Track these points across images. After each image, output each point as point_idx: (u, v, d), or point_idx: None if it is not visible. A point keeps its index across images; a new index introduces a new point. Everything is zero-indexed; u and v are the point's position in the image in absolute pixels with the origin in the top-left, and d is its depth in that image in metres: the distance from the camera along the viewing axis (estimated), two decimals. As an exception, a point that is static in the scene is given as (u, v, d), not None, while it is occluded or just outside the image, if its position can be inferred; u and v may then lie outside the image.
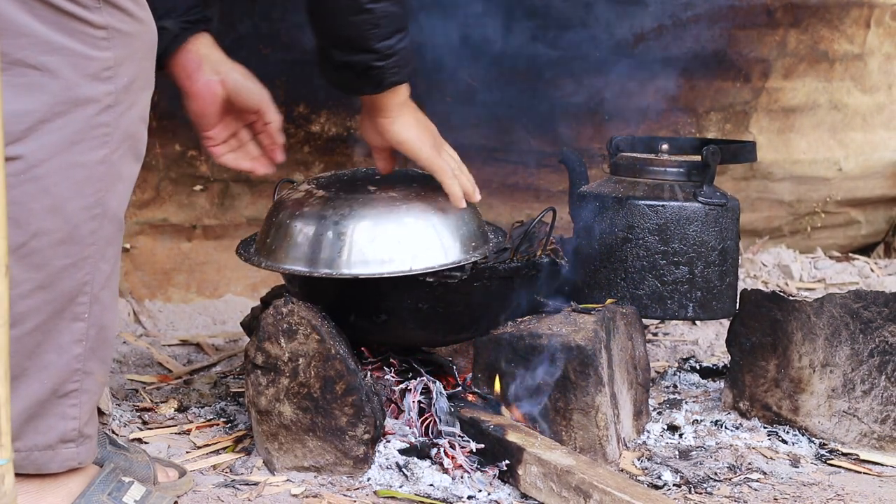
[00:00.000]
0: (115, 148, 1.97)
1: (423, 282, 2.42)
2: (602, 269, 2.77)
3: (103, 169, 1.96)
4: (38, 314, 1.94)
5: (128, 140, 2.00)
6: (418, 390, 2.48)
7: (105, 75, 1.94)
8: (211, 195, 3.53)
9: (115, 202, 2.00)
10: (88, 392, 2.03)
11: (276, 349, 2.38)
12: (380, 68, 2.29)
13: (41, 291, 1.93)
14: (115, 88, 1.95)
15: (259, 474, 2.40)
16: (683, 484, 2.43)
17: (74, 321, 1.98)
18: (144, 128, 2.06)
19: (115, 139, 1.97)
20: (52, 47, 1.89)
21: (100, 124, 1.94)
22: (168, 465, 2.35)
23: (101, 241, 1.99)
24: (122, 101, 1.97)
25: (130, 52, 1.97)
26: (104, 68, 1.93)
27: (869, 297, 2.61)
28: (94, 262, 1.98)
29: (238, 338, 3.37)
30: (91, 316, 2.00)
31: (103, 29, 1.92)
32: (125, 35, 1.95)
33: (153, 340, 3.35)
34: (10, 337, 1.63)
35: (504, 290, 2.52)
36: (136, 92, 2.00)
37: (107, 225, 1.99)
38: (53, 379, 1.98)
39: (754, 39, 3.82)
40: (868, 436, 2.63)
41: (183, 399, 2.85)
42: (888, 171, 4.17)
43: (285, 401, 2.38)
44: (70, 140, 1.92)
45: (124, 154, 2.00)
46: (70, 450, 2.03)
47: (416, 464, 2.39)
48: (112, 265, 2.03)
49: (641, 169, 2.82)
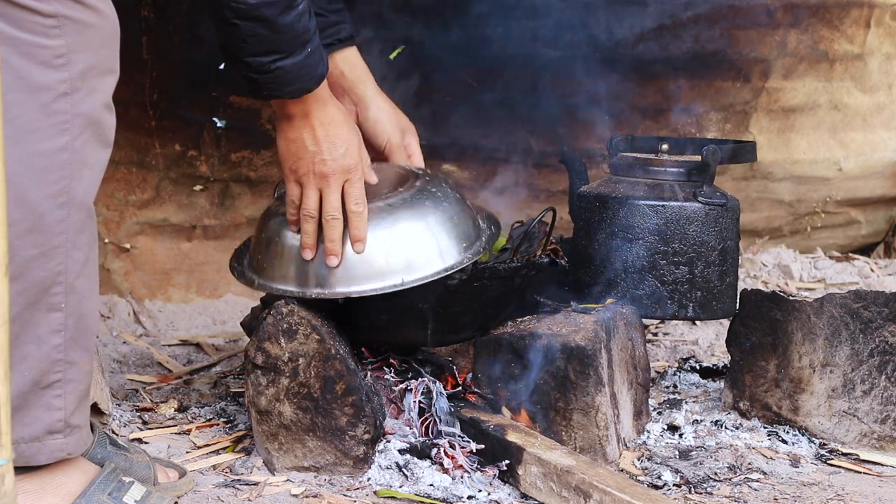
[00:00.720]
0: (76, 135, 1.97)
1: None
2: (602, 269, 2.77)
3: (66, 156, 1.96)
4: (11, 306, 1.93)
5: (91, 126, 1.99)
6: (419, 390, 2.48)
7: (57, 63, 1.94)
8: (211, 195, 3.53)
9: (82, 189, 1.99)
10: (73, 382, 2.03)
11: (276, 349, 2.38)
12: (254, 80, 2.28)
13: (12, 283, 1.92)
14: (70, 76, 1.95)
15: (259, 474, 2.40)
16: (683, 484, 2.43)
17: (51, 311, 1.98)
18: (109, 114, 2.04)
19: (77, 126, 1.97)
20: (1, 38, 1.89)
21: (56, 111, 1.94)
22: (168, 466, 2.35)
23: (71, 229, 1.98)
24: (79, 88, 1.96)
25: (85, 39, 1.96)
26: (55, 56, 1.93)
27: (869, 297, 2.61)
28: (66, 251, 1.98)
29: (238, 338, 3.37)
30: (68, 305, 2.00)
31: (52, 17, 1.92)
32: (78, 23, 1.95)
33: (153, 340, 3.35)
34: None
35: (504, 290, 2.52)
36: (94, 78, 1.99)
37: (75, 213, 1.98)
38: (34, 370, 1.98)
39: (754, 39, 3.82)
40: (868, 436, 2.63)
41: (183, 399, 2.85)
42: (888, 171, 4.17)
43: (285, 401, 2.38)
44: (26, 128, 1.92)
45: (88, 140, 1.99)
46: (58, 441, 2.03)
47: (416, 464, 2.39)
48: (86, 253, 2.02)
49: (641, 169, 2.82)
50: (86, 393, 2.09)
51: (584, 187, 2.90)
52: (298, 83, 2.31)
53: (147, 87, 3.37)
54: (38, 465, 2.05)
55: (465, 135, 3.62)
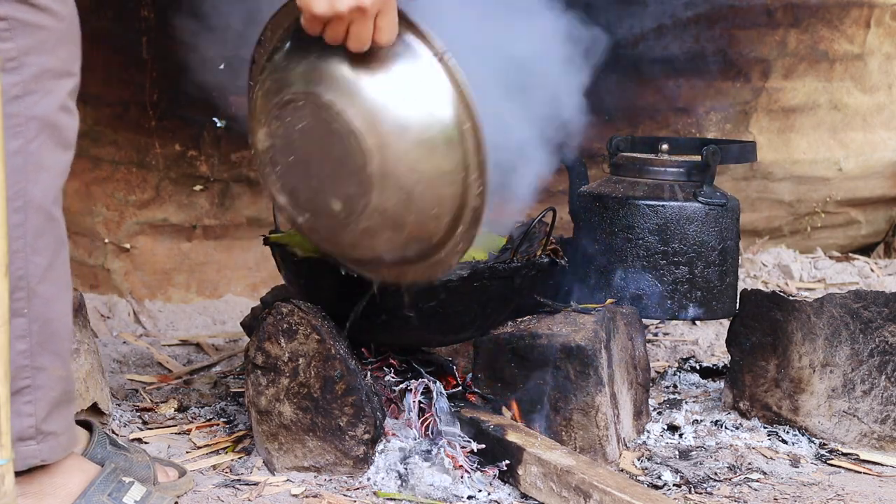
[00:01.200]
0: (31, 138, 1.95)
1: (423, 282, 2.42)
2: (602, 269, 2.77)
3: (19, 160, 1.94)
4: None
5: (46, 129, 1.97)
6: (419, 390, 2.48)
7: (9, 66, 1.92)
8: (211, 195, 3.53)
9: (39, 193, 1.97)
10: (43, 388, 2.00)
11: (276, 349, 2.38)
12: None
13: None
14: (22, 78, 1.93)
15: (259, 474, 2.40)
16: (683, 484, 2.43)
17: (13, 317, 1.94)
18: (68, 116, 2.02)
19: (31, 129, 1.95)
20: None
21: (9, 115, 1.92)
22: (168, 465, 2.35)
23: (29, 233, 1.96)
24: (33, 91, 1.94)
25: (38, 41, 1.95)
26: (6, 59, 1.91)
27: (869, 297, 2.61)
28: (25, 256, 1.96)
29: (238, 338, 3.37)
30: (31, 310, 1.97)
31: (2, 20, 1.91)
32: (29, 25, 1.93)
33: (153, 340, 3.35)
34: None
35: (504, 290, 2.52)
36: (49, 81, 1.97)
37: (32, 216, 1.96)
38: None
39: (754, 39, 3.82)
40: (868, 436, 2.63)
41: (183, 399, 2.85)
42: (888, 171, 4.17)
43: (285, 401, 2.38)
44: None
45: (44, 143, 1.97)
46: (30, 447, 2.00)
47: (416, 464, 2.39)
48: (48, 258, 1.99)
49: (641, 169, 2.82)
50: (62, 399, 2.05)
51: (584, 187, 2.90)
52: None
53: (147, 87, 3.38)
54: (37, 466, 2.04)
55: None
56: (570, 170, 2.99)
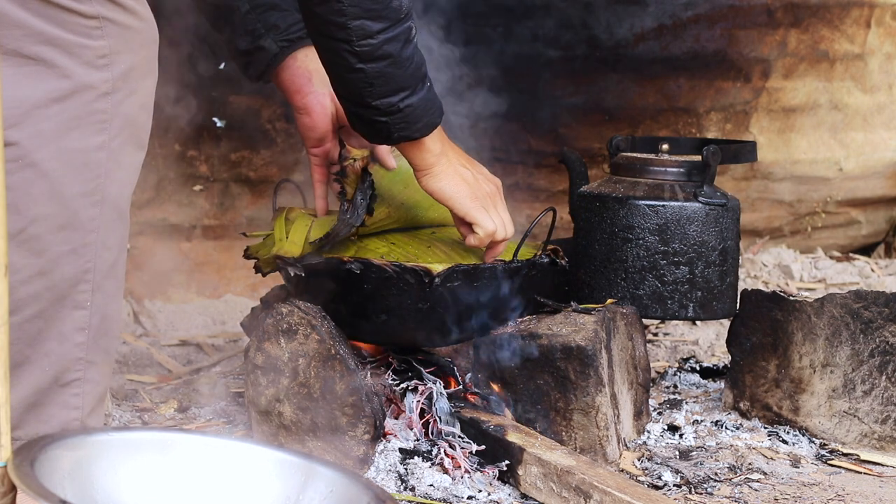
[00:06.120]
0: (114, 135, 1.97)
1: (423, 282, 2.42)
2: (602, 269, 2.77)
3: (102, 156, 1.96)
4: (38, 301, 1.94)
5: (128, 127, 2.00)
6: (423, 392, 2.48)
7: (100, 63, 1.94)
8: (211, 195, 3.53)
9: (116, 190, 2.00)
10: (92, 382, 2.02)
11: (276, 349, 2.38)
12: (384, 123, 2.28)
13: (41, 278, 1.93)
14: (112, 76, 1.96)
15: (259, 474, 2.40)
16: (684, 484, 2.43)
17: (76, 309, 1.97)
18: (146, 116, 2.05)
19: (115, 126, 1.97)
20: (45, 38, 1.90)
21: (97, 111, 1.95)
22: (168, 465, 2.35)
23: (102, 228, 1.98)
24: (120, 89, 1.97)
25: (126, 41, 1.97)
26: (99, 56, 1.94)
27: (869, 297, 2.61)
28: (96, 250, 1.98)
29: (238, 338, 3.37)
30: (93, 304, 1.99)
31: (94, 18, 1.93)
32: (119, 25, 1.96)
33: (153, 340, 3.35)
34: (10, 325, 1.64)
35: (504, 290, 2.52)
36: (135, 80, 2.00)
37: (107, 212, 1.98)
38: (55, 367, 1.98)
39: (754, 39, 3.82)
40: (868, 436, 2.62)
41: (183, 399, 2.85)
42: (888, 171, 4.17)
43: (285, 401, 2.38)
44: (66, 126, 1.93)
45: (125, 142, 2.00)
46: None
47: (416, 464, 2.39)
48: (115, 255, 2.01)
49: (641, 169, 2.82)
50: (103, 396, 2.08)
51: (584, 187, 2.90)
52: (426, 118, 2.31)
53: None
54: None
55: (465, 135, 3.62)
56: (570, 170, 2.99)
